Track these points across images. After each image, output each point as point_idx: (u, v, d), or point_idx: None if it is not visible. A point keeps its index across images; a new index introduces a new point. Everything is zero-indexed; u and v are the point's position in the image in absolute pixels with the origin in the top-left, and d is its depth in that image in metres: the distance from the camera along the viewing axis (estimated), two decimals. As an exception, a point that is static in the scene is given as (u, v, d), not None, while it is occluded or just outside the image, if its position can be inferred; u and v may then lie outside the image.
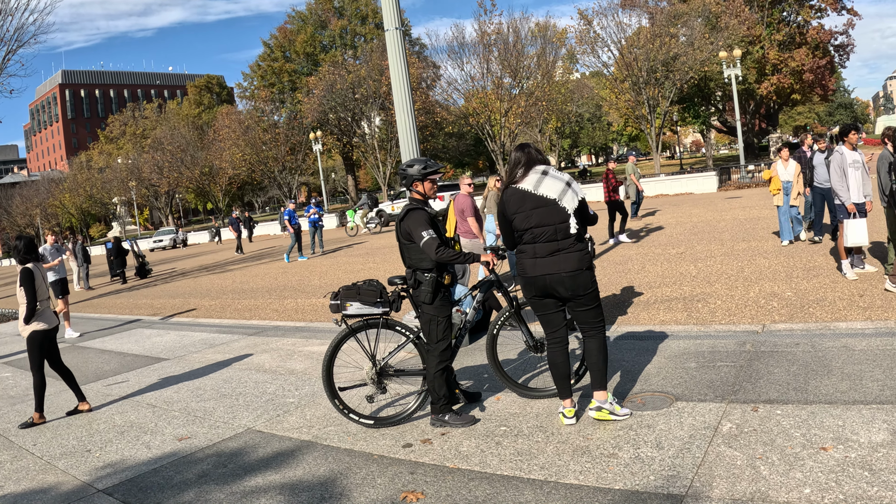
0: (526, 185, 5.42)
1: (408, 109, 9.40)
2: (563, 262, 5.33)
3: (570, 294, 5.41)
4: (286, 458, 5.66)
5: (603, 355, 5.55)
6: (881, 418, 4.84)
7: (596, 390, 5.55)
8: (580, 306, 5.49)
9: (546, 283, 5.41)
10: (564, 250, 5.34)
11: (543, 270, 5.37)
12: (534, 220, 5.35)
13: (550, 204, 5.33)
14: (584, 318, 5.56)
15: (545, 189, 5.35)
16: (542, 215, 5.34)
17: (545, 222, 5.33)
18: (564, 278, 5.34)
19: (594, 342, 5.55)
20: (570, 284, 5.36)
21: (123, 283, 27.42)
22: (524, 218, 5.39)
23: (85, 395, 8.13)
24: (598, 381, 5.54)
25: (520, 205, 5.42)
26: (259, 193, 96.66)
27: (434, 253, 5.72)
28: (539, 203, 5.35)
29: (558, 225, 5.32)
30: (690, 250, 14.56)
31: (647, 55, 50.81)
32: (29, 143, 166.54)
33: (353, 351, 6.33)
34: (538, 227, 5.35)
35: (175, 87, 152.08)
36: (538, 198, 5.36)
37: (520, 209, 5.41)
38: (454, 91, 65.28)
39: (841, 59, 66.63)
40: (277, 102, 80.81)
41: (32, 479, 5.84)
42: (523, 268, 5.51)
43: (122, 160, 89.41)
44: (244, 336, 11.69)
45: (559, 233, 5.33)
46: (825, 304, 8.71)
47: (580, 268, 5.35)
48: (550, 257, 5.35)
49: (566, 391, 5.64)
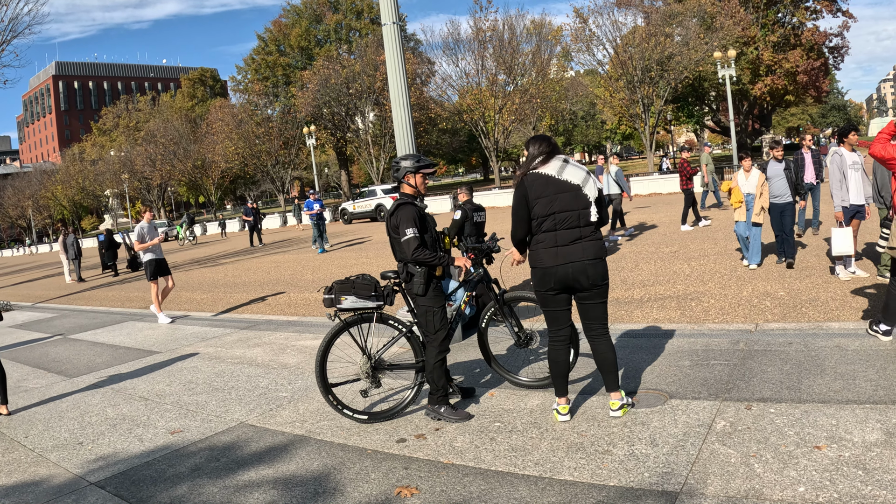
0: (548, 170, 5.38)
1: (404, 104, 9.38)
2: (587, 249, 5.30)
3: (591, 283, 5.36)
4: (279, 452, 5.65)
5: (615, 354, 5.59)
6: (875, 418, 4.85)
7: (614, 391, 5.56)
8: (595, 298, 5.46)
9: (568, 273, 5.32)
10: (586, 238, 5.32)
11: (566, 258, 5.30)
12: (557, 206, 5.30)
13: (574, 189, 5.31)
14: (596, 313, 5.52)
15: (568, 175, 5.34)
16: (565, 200, 5.29)
17: (569, 207, 5.30)
18: (587, 266, 5.30)
19: (606, 341, 5.55)
20: (593, 273, 5.33)
21: (115, 276, 27.33)
22: (547, 203, 5.32)
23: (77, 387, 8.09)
24: (614, 382, 5.56)
25: (543, 189, 5.34)
26: (252, 187, 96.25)
27: (411, 252, 5.74)
28: (563, 188, 5.31)
29: (581, 211, 5.30)
30: (684, 249, 14.58)
31: (641, 54, 50.84)
32: (22, 135, 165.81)
33: (347, 345, 6.32)
34: (562, 213, 5.30)
35: (169, 80, 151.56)
36: (562, 182, 5.32)
37: (543, 194, 5.33)
38: (448, 87, 65.40)
39: (835, 61, 66.73)
40: (271, 96, 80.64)
41: (24, 472, 5.81)
42: (541, 259, 5.40)
43: (114, 152, 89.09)
44: (236, 330, 11.66)
45: (582, 219, 5.30)
46: (818, 304, 8.73)
47: (601, 256, 5.37)
48: (573, 245, 5.30)
49: (563, 389, 5.62)
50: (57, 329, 14.16)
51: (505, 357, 7.45)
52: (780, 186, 11.27)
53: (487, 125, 59.56)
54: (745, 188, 11.57)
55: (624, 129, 78.55)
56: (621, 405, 5.52)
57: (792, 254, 11.37)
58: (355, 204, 45.62)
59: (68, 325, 14.67)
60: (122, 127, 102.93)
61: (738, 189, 11.64)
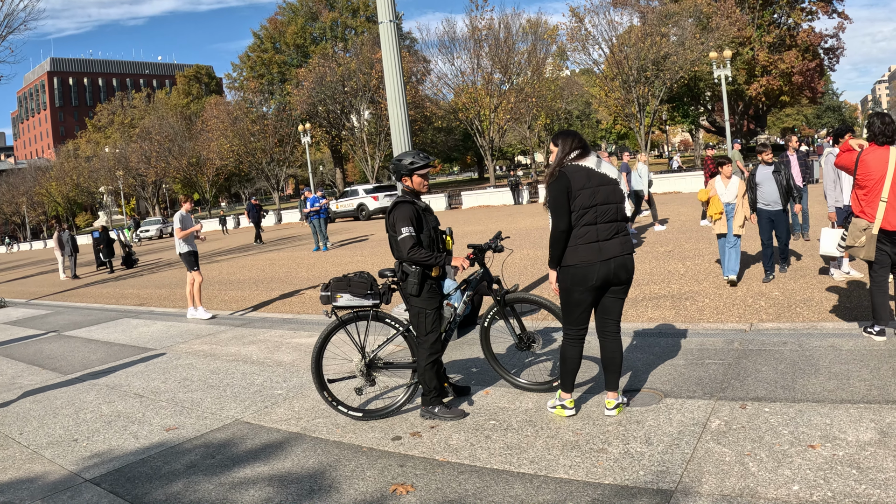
0: (588, 163, 5.35)
1: (400, 102, 9.38)
2: (625, 244, 5.35)
3: (628, 277, 5.42)
4: (274, 449, 5.65)
5: (623, 355, 5.66)
6: (869, 417, 4.87)
7: (612, 390, 5.59)
8: (623, 294, 5.53)
9: (611, 269, 5.29)
10: (622, 233, 5.37)
11: (611, 253, 5.28)
12: (600, 198, 5.27)
13: (613, 183, 5.35)
14: (618, 308, 5.58)
15: (605, 169, 5.37)
16: (606, 193, 5.30)
17: (611, 200, 5.31)
18: (627, 260, 5.36)
19: (618, 342, 5.61)
20: (631, 266, 5.41)
21: (110, 273, 27.29)
22: (591, 194, 5.26)
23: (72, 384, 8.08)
24: (615, 382, 5.61)
25: (586, 181, 5.27)
26: (246, 185, 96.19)
27: (407, 251, 5.72)
28: (604, 181, 5.31)
29: (619, 205, 5.36)
30: (679, 248, 14.61)
31: (637, 54, 50.96)
32: (16, 131, 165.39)
33: (343, 343, 6.32)
34: (604, 205, 5.28)
35: (164, 77, 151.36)
36: (603, 176, 5.32)
37: (586, 185, 5.27)
38: (444, 86, 65.43)
39: (830, 63, 67.00)
40: (266, 94, 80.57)
41: (19, 469, 5.80)
42: (581, 255, 5.27)
43: (109, 149, 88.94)
44: (231, 327, 11.65)
45: (619, 213, 5.35)
46: (812, 304, 8.76)
47: (632, 251, 5.45)
48: (614, 239, 5.31)
49: (571, 385, 5.66)
50: (51, 326, 14.13)
51: (505, 357, 7.43)
52: (770, 192, 10.35)
53: (483, 124, 59.60)
54: (725, 197, 10.52)
55: (619, 128, 78.68)
56: (616, 404, 5.54)
57: (786, 257, 10.87)
58: (338, 203, 45.88)
59: (63, 321, 14.64)
60: (116, 124, 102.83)
61: (717, 198, 10.53)
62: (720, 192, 10.54)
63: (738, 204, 10.39)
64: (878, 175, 6.71)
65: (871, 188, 6.77)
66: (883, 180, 6.68)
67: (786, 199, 10.44)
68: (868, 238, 6.77)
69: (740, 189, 10.42)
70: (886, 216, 6.68)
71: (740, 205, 10.37)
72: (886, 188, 6.66)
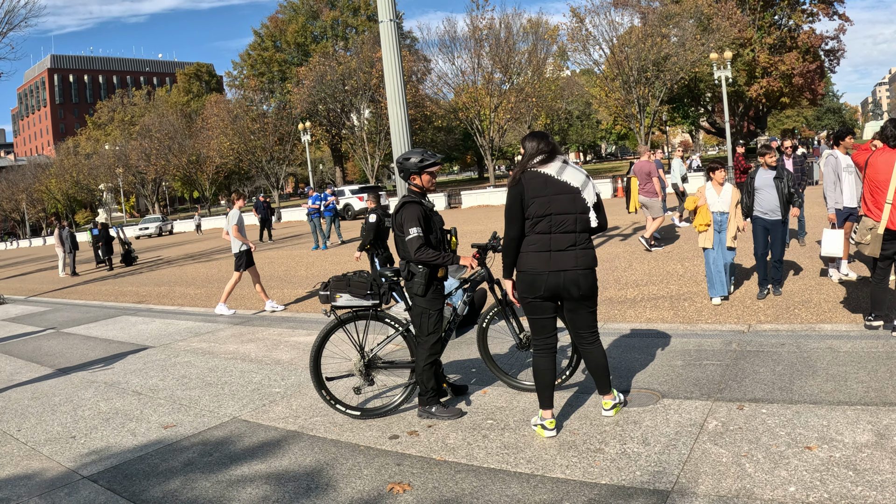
0: (549, 170, 5.12)
1: (400, 102, 9.39)
2: (581, 258, 5.09)
3: (581, 294, 5.15)
4: (272, 447, 5.65)
5: (607, 359, 5.51)
6: (866, 419, 4.88)
7: (606, 394, 5.52)
8: (585, 308, 5.27)
9: (560, 282, 5.09)
10: (580, 245, 5.10)
11: (560, 265, 5.07)
12: (555, 207, 5.04)
13: (573, 192, 5.07)
14: (587, 322, 5.34)
15: (568, 177, 5.09)
16: (564, 203, 5.04)
17: (567, 210, 5.05)
18: (580, 276, 5.10)
19: (598, 348, 5.43)
20: (584, 283, 5.13)
21: (109, 270, 27.29)
22: (545, 203, 5.05)
23: (70, 381, 8.08)
24: (607, 385, 5.51)
25: (541, 189, 5.07)
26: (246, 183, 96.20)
27: (415, 251, 5.69)
28: (562, 189, 5.06)
29: (579, 215, 5.07)
30: (678, 249, 14.61)
31: (638, 54, 50.97)
32: (16, 128, 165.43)
33: (342, 342, 6.32)
34: (559, 215, 5.05)
35: (164, 75, 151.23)
36: (562, 184, 5.07)
37: (540, 193, 5.06)
38: (444, 85, 65.39)
39: (831, 64, 67.06)
40: (267, 92, 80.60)
41: (17, 465, 5.80)
42: (530, 263, 5.14)
43: (109, 146, 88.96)
44: (230, 325, 11.66)
45: (579, 224, 5.08)
46: (811, 306, 8.77)
47: (592, 267, 5.17)
48: (568, 251, 5.07)
49: (548, 400, 5.33)
50: (50, 323, 14.13)
51: (503, 358, 7.43)
52: (769, 199, 9.41)
53: (483, 123, 59.59)
54: (717, 206, 9.45)
55: (619, 128, 78.71)
56: (614, 404, 5.52)
57: (779, 279, 9.72)
58: None
59: (62, 318, 14.64)
60: (116, 121, 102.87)
61: (706, 208, 9.46)
62: (711, 200, 9.50)
63: (731, 214, 9.44)
64: (885, 177, 7.00)
65: (876, 188, 7.10)
66: (888, 182, 6.96)
67: (786, 207, 9.57)
68: (874, 237, 7.08)
69: (734, 197, 9.47)
70: (891, 217, 6.95)
71: (733, 215, 9.44)
72: (891, 191, 6.93)
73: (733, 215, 9.43)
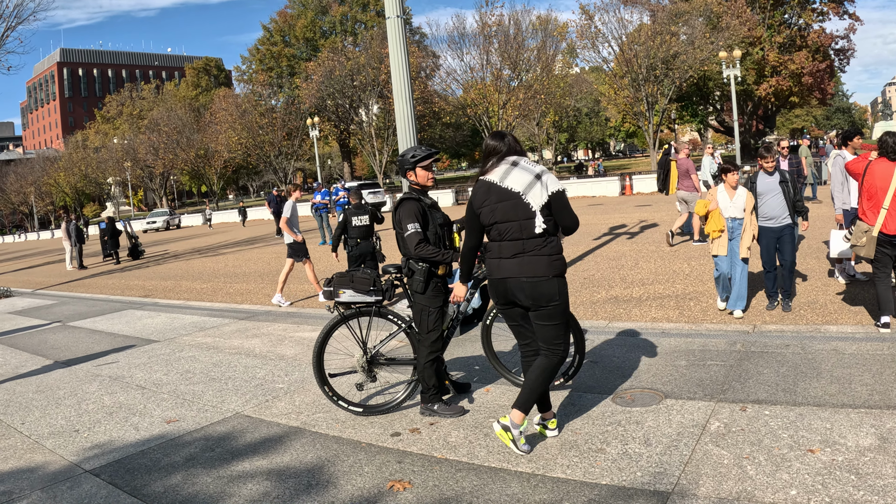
0: (493, 176, 4.94)
1: (407, 98, 9.38)
2: (527, 265, 4.82)
3: (530, 303, 4.91)
4: (274, 443, 5.66)
5: (545, 377, 4.98)
6: (869, 422, 4.85)
7: (515, 408, 4.95)
8: (540, 319, 4.96)
9: (507, 289, 4.95)
10: (529, 252, 4.82)
11: (505, 273, 4.91)
12: (498, 215, 4.87)
13: (514, 197, 4.82)
14: (542, 334, 5.02)
15: (511, 181, 4.85)
16: (506, 210, 4.84)
17: (509, 217, 4.83)
18: (525, 284, 4.84)
19: (545, 360, 5.00)
20: (531, 293, 4.86)
21: (116, 264, 27.37)
22: (489, 212, 4.92)
23: (75, 374, 8.10)
24: (522, 401, 4.94)
25: (485, 197, 4.94)
26: (254, 178, 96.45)
27: (414, 248, 5.70)
28: (504, 196, 4.85)
29: (523, 221, 4.80)
30: (684, 248, 14.57)
31: (647, 52, 50.87)
32: (25, 121, 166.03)
33: (345, 338, 6.32)
34: (503, 223, 4.87)
35: (173, 69, 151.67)
36: (503, 191, 4.86)
37: (485, 202, 4.94)
38: (453, 81, 65.46)
39: (841, 64, 66.67)
40: (275, 87, 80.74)
41: (20, 458, 5.82)
42: (489, 269, 5.08)
43: (117, 140, 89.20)
44: (235, 320, 11.67)
45: (524, 231, 4.80)
46: (816, 307, 8.73)
47: (545, 275, 4.81)
48: (514, 259, 4.86)
49: (545, 403, 5.24)
50: (56, 316, 14.18)
51: (507, 355, 7.41)
52: (775, 205, 8.78)
53: (491, 120, 59.58)
54: (730, 211, 8.70)
55: (628, 126, 78.53)
56: (506, 427, 4.93)
57: (789, 291, 9.01)
58: None
59: (68, 312, 14.69)
60: (125, 115, 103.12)
61: (719, 213, 8.75)
62: (723, 205, 8.74)
63: (747, 220, 8.62)
64: (882, 185, 7.37)
65: (874, 195, 7.44)
66: (886, 190, 7.33)
67: (793, 213, 8.90)
68: (868, 239, 7.43)
69: (748, 202, 8.63)
70: (886, 222, 7.34)
71: (748, 221, 8.62)
72: (888, 198, 7.31)
73: (748, 222, 8.60)
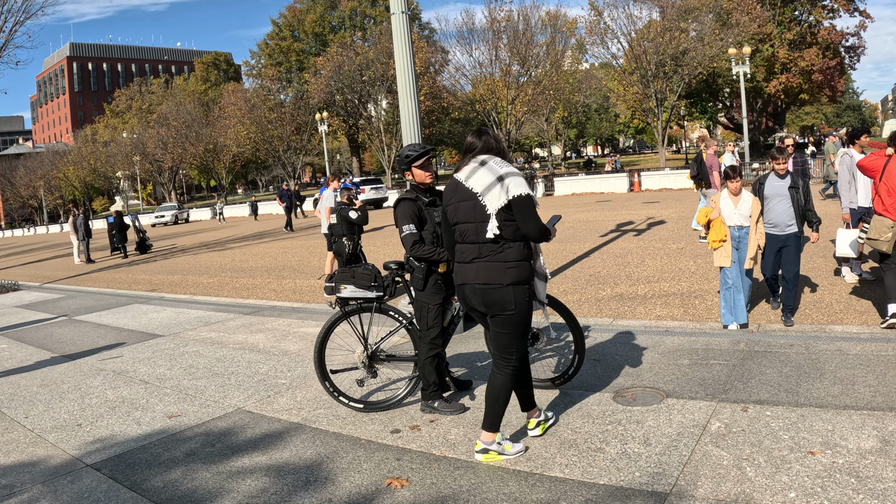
0: (461, 174, 4.83)
1: (411, 94, 9.36)
2: (482, 271, 4.68)
3: (484, 310, 4.77)
4: (274, 439, 5.66)
5: (504, 394, 4.84)
6: (871, 425, 4.82)
7: (484, 430, 4.85)
8: (495, 326, 4.80)
9: (463, 294, 4.86)
10: (485, 257, 4.67)
11: (462, 279, 4.82)
12: (459, 215, 4.80)
13: (473, 198, 4.69)
14: (496, 341, 4.86)
15: (473, 181, 4.71)
16: (466, 210, 4.74)
17: (468, 219, 4.73)
18: (478, 291, 4.71)
19: (499, 377, 4.86)
20: (484, 299, 4.71)
21: (124, 258, 27.44)
22: (452, 211, 4.87)
23: (79, 368, 8.12)
24: (488, 421, 4.83)
25: (450, 196, 4.90)
26: (263, 172, 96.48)
27: (409, 248, 5.72)
28: (465, 196, 4.74)
29: (479, 224, 4.67)
30: (691, 246, 14.52)
31: (656, 48, 50.74)
32: (35, 115, 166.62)
33: (348, 334, 6.32)
34: (462, 224, 4.78)
35: (183, 63, 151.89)
36: (466, 190, 4.74)
37: (449, 201, 4.90)
38: (462, 77, 65.43)
39: (851, 61, 66.35)
40: (284, 81, 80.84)
41: (22, 452, 5.84)
42: (454, 273, 5.00)
43: (126, 134, 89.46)
44: (240, 315, 11.69)
45: (479, 234, 4.66)
46: (822, 307, 8.69)
47: (499, 282, 4.64)
48: (471, 264, 4.74)
49: (528, 403, 5.24)
50: (63, 310, 14.22)
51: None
52: (781, 211, 8.17)
53: (500, 116, 59.54)
54: (733, 219, 7.98)
55: (637, 123, 78.35)
56: (484, 449, 4.84)
57: (791, 305, 8.26)
58: None
59: (74, 306, 14.73)
60: (134, 109, 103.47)
61: (721, 221, 8.04)
62: (726, 212, 8.02)
63: (752, 229, 7.96)
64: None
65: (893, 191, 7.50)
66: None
67: (801, 221, 8.24)
68: (894, 235, 7.45)
69: (754, 208, 7.96)
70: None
71: (754, 230, 7.96)
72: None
73: (754, 231, 7.95)
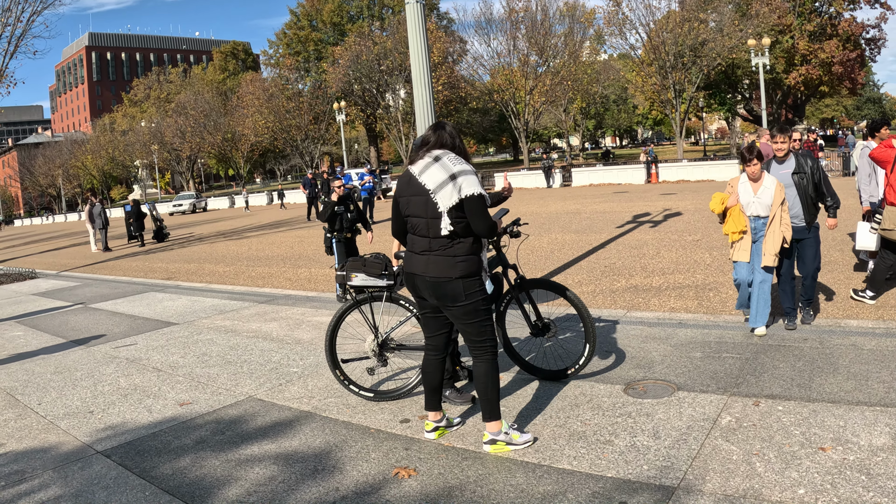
0: (415, 168, 4.91)
1: (425, 83, 9.33)
2: (432, 265, 4.82)
3: (438, 302, 4.93)
4: (284, 427, 5.67)
5: (491, 381, 4.90)
6: (884, 421, 4.76)
7: (486, 421, 4.92)
8: (455, 318, 4.95)
9: (415, 284, 4.98)
10: (435, 251, 4.81)
11: (413, 269, 4.94)
12: (411, 209, 4.91)
13: (425, 194, 4.78)
14: (463, 333, 5.02)
15: (426, 177, 4.80)
16: (418, 205, 4.84)
17: (419, 213, 4.84)
18: (429, 284, 4.86)
19: (479, 366, 4.95)
20: (435, 292, 4.87)
21: (141, 246, 27.62)
22: (405, 203, 4.97)
23: (93, 356, 8.17)
24: (487, 412, 4.91)
25: (404, 189, 4.98)
26: (281, 161, 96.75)
27: None
28: (417, 191, 4.85)
29: (430, 220, 4.79)
30: (707, 238, 14.43)
31: (675, 39, 50.37)
32: (54, 104, 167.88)
33: (360, 323, 6.33)
34: (414, 218, 4.90)
35: (201, 53, 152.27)
36: (418, 185, 4.84)
37: (402, 193, 4.98)
38: (480, 67, 65.29)
39: (872, 53, 65.51)
40: (302, 71, 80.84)
41: (34, 438, 5.89)
42: (404, 260, 5.13)
43: (145, 123, 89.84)
44: (255, 304, 11.73)
45: (430, 229, 4.80)
46: (838, 300, 8.60)
47: (449, 276, 4.76)
48: (422, 256, 4.88)
49: (430, 402, 5.25)
50: (78, 298, 14.33)
51: (521, 343, 7.34)
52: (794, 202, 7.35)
53: (518, 106, 59.40)
54: (752, 208, 7.09)
55: (655, 114, 77.89)
56: (492, 440, 4.90)
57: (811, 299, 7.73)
58: None
59: (90, 294, 14.84)
60: (152, 98, 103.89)
61: (740, 210, 7.17)
62: (745, 200, 7.14)
63: (777, 219, 6.99)
64: None
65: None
66: None
67: (814, 211, 7.44)
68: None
69: (777, 195, 6.97)
70: None
71: (778, 220, 6.99)
72: None
73: (778, 221, 6.99)
